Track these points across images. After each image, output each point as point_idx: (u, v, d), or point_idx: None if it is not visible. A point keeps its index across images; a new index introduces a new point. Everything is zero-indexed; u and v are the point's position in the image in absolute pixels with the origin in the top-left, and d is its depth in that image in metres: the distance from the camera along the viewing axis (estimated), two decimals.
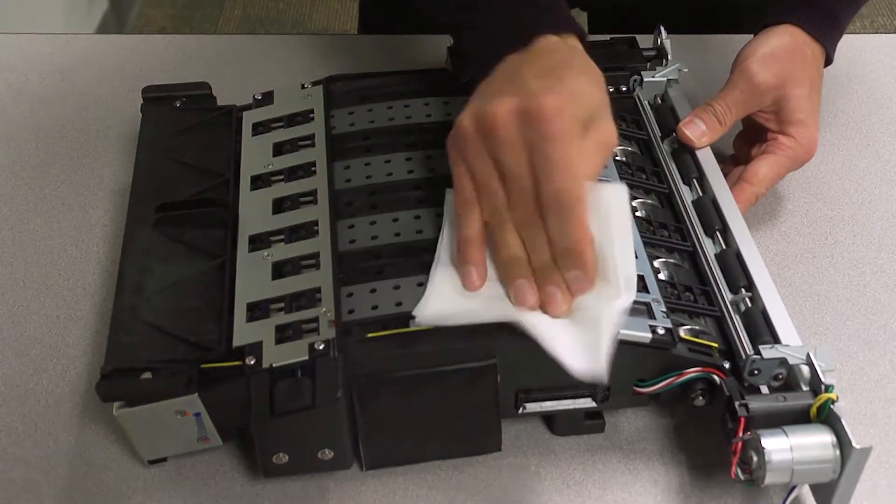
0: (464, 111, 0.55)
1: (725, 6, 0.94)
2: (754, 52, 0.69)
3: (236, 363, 0.54)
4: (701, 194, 0.66)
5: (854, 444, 0.50)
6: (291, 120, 0.68)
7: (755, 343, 0.56)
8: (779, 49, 0.69)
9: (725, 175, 0.68)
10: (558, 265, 0.54)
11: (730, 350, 0.57)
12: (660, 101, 0.74)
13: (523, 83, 0.53)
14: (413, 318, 0.54)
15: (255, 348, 0.54)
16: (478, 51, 0.62)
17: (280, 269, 0.58)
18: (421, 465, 0.59)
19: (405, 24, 0.91)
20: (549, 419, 0.60)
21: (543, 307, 0.54)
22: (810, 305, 0.68)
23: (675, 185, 0.67)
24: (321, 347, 0.53)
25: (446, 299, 0.55)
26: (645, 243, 0.60)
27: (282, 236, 0.60)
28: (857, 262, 0.71)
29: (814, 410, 0.53)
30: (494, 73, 0.57)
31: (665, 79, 0.74)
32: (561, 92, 0.53)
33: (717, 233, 0.63)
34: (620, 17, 0.98)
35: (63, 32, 0.97)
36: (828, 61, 0.72)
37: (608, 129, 0.55)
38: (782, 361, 0.55)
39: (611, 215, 0.57)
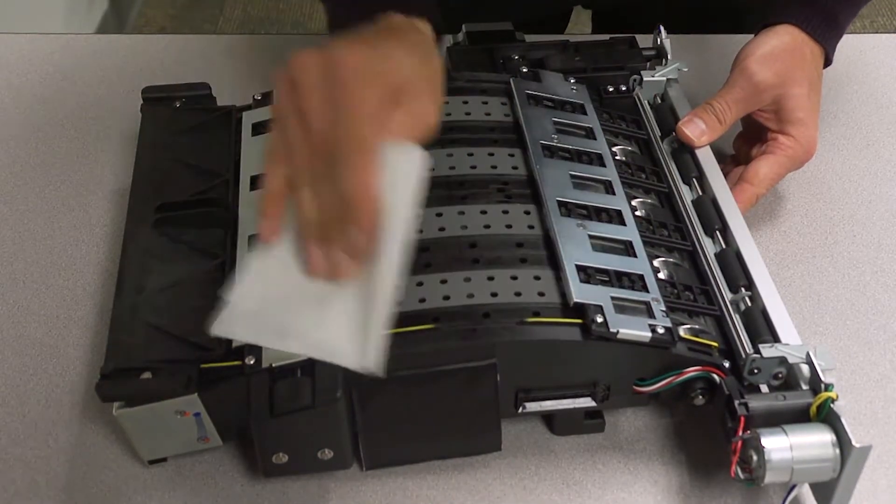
0: None
1: (725, 6, 0.94)
2: (754, 51, 0.69)
3: (236, 363, 0.54)
4: (701, 194, 0.66)
5: (854, 442, 0.50)
6: None
7: (755, 342, 0.56)
8: (778, 48, 0.69)
9: (725, 175, 0.68)
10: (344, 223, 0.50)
11: (729, 349, 0.57)
12: (659, 101, 0.74)
13: (338, 44, 0.51)
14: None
15: (255, 348, 0.54)
16: (333, 23, 0.69)
17: None
18: (421, 465, 0.59)
19: None
20: (548, 419, 0.60)
21: (329, 275, 0.51)
22: (810, 305, 0.68)
23: (674, 184, 0.67)
24: None
25: (249, 312, 0.50)
26: (645, 242, 0.60)
27: None
28: (857, 262, 0.71)
29: (813, 409, 0.53)
30: None
31: (665, 78, 0.74)
32: (368, 52, 0.51)
33: (717, 232, 0.63)
34: (621, 17, 0.98)
35: (63, 32, 0.97)
36: (827, 62, 0.72)
37: (424, 111, 0.53)
38: (782, 360, 0.55)
39: (397, 184, 0.51)
